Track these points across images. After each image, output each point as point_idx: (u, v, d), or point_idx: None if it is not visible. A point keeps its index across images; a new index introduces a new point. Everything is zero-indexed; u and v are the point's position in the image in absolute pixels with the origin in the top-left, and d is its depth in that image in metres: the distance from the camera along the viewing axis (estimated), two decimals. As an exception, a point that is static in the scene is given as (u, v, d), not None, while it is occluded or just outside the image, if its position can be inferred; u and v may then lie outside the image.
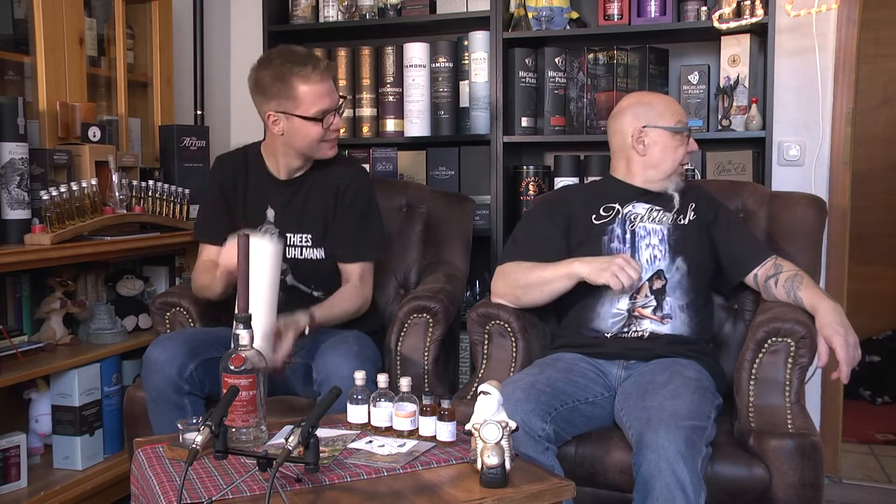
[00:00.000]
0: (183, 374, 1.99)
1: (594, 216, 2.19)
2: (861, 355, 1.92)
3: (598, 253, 2.12)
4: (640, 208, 2.18)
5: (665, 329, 2.07)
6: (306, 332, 2.06)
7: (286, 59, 2.11)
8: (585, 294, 2.12)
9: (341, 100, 2.21)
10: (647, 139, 2.18)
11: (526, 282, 2.12)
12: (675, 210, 2.19)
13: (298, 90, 2.10)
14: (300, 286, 2.26)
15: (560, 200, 2.29)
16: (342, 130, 3.12)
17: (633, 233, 2.15)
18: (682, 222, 2.18)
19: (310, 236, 2.26)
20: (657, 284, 2.11)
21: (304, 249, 2.26)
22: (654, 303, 2.10)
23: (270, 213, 2.27)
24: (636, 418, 1.78)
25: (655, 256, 2.13)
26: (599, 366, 2.04)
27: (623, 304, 2.10)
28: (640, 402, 1.82)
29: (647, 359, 2.03)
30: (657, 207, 2.18)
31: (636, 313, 2.09)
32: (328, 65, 2.16)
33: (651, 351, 2.04)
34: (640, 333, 2.07)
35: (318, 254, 2.26)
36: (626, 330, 2.08)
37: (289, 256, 2.25)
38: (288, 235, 2.25)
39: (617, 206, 2.19)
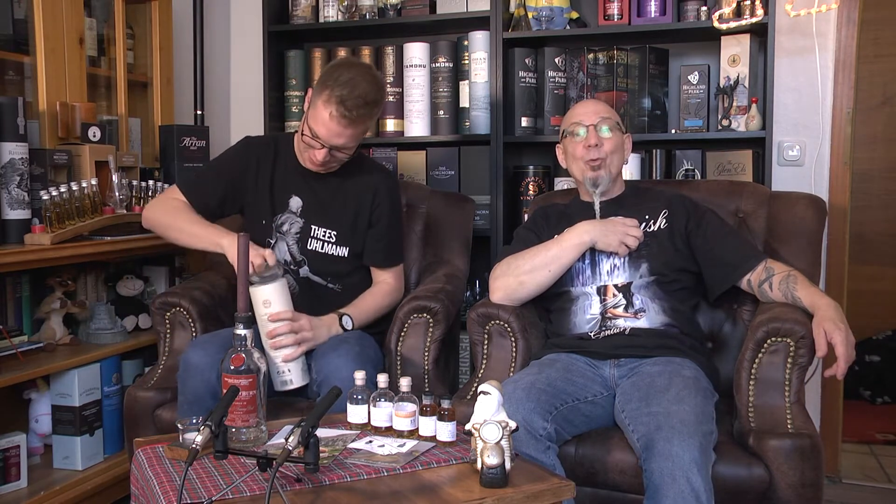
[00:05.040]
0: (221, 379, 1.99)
1: (556, 235, 2.21)
2: (855, 356, 1.91)
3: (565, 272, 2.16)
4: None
5: (642, 323, 2.08)
6: (346, 328, 2.18)
7: (345, 77, 2.07)
8: (558, 305, 2.18)
9: (338, 150, 2.15)
10: (561, 154, 2.29)
11: (531, 265, 2.14)
12: (642, 217, 2.18)
13: (318, 101, 2.10)
14: (316, 278, 2.27)
15: (538, 219, 2.33)
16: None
17: (591, 249, 2.13)
18: (650, 229, 2.18)
19: (335, 233, 2.27)
20: (622, 283, 2.12)
21: (325, 244, 2.27)
22: (623, 301, 2.11)
23: (295, 202, 2.28)
24: (642, 423, 1.77)
25: (615, 266, 2.13)
26: (594, 365, 2.05)
27: (595, 308, 2.12)
28: (644, 407, 1.81)
29: (637, 356, 2.02)
30: (618, 217, 2.17)
31: (609, 314, 2.10)
32: (354, 118, 2.07)
33: (639, 347, 2.03)
34: (620, 330, 2.07)
35: (340, 251, 2.28)
36: (604, 330, 2.09)
37: (309, 248, 2.27)
38: (312, 227, 2.27)
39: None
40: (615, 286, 2.12)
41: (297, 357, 2.07)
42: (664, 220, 2.19)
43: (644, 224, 2.18)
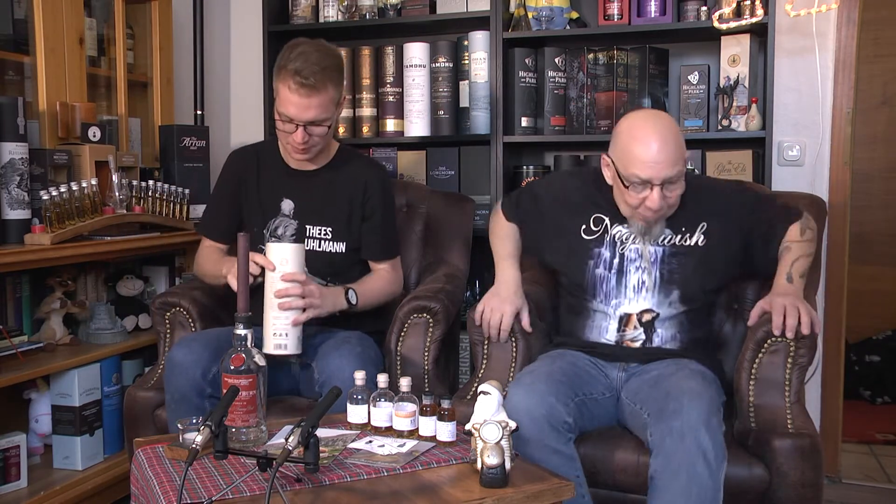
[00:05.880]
0: (207, 377, 1.99)
1: (584, 227, 2.09)
2: (813, 321, 1.89)
3: (583, 277, 2.06)
4: (634, 227, 2.03)
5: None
6: (352, 301, 2.17)
7: (295, 53, 2.09)
8: (573, 306, 2.13)
9: (313, 125, 2.12)
10: (607, 169, 2.02)
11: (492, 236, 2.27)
12: (678, 229, 2.01)
13: (278, 85, 2.12)
14: (315, 279, 2.26)
15: (551, 199, 2.18)
16: (340, 134, 3.12)
17: (621, 256, 2.02)
18: (687, 243, 2.01)
19: (330, 229, 2.27)
20: (646, 317, 2.01)
21: (322, 242, 2.27)
22: (643, 336, 2.02)
23: (287, 205, 2.28)
24: (652, 399, 1.79)
25: (643, 283, 2.00)
26: (601, 366, 2.04)
27: (611, 334, 2.04)
28: (653, 390, 1.82)
29: (646, 362, 2.01)
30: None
31: (625, 344, 2.03)
32: (314, 84, 2.05)
33: (650, 356, 2.01)
34: (633, 346, 2.03)
35: (337, 247, 2.28)
36: (616, 348, 2.05)
37: (306, 248, 2.26)
38: (307, 227, 2.27)
39: (607, 221, 2.06)
40: (639, 319, 2.00)
41: (302, 322, 2.04)
42: (702, 236, 2.01)
43: (680, 237, 2.01)
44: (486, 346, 2.17)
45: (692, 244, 2.01)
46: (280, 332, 2.00)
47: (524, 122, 2.96)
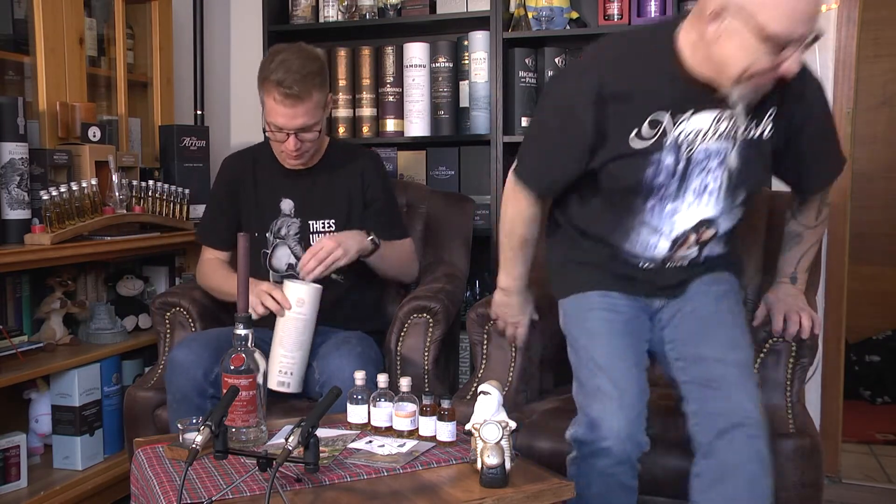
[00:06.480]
0: (208, 377, 2.00)
1: (635, 132, 1.62)
2: (814, 324, 1.87)
3: (639, 184, 1.65)
4: (701, 120, 1.59)
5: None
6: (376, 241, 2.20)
7: (276, 62, 2.09)
8: (611, 221, 1.77)
9: (303, 132, 2.13)
10: (724, 23, 1.47)
11: (504, 237, 1.94)
12: (748, 117, 1.61)
13: (263, 96, 2.13)
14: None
15: (595, 98, 1.62)
16: (335, 133, 3.12)
17: (688, 161, 1.62)
18: (752, 135, 1.63)
19: (333, 221, 2.28)
20: (706, 235, 1.74)
21: (328, 235, 2.27)
22: (695, 253, 1.77)
23: (287, 205, 2.29)
24: (693, 372, 1.69)
25: (706, 187, 1.65)
26: (643, 303, 1.84)
27: (660, 251, 1.74)
28: (693, 348, 1.71)
29: (683, 292, 1.83)
30: (725, 113, 1.59)
31: (670, 263, 1.78)
32: (298, 93, 2.06)
33: (692, 275, 1.82)
34: (679, 264, 1.80)
35: None
36: (656, 267, 1.80)
37: (311, 246, 2.26)
38: (310, 223, 2.28)
39: (666, 119, 1.60)
40: (696, 239, 1.72)
41: (331, 271, 2.09)
42: (770, 125, 1.64)
43: (744, 128, 1.62)
44: (486, 346, 2.17)
45: (757, 136, 1.64)
46: (286, 371, 2.03)
47: (524, 122, 2.96)
